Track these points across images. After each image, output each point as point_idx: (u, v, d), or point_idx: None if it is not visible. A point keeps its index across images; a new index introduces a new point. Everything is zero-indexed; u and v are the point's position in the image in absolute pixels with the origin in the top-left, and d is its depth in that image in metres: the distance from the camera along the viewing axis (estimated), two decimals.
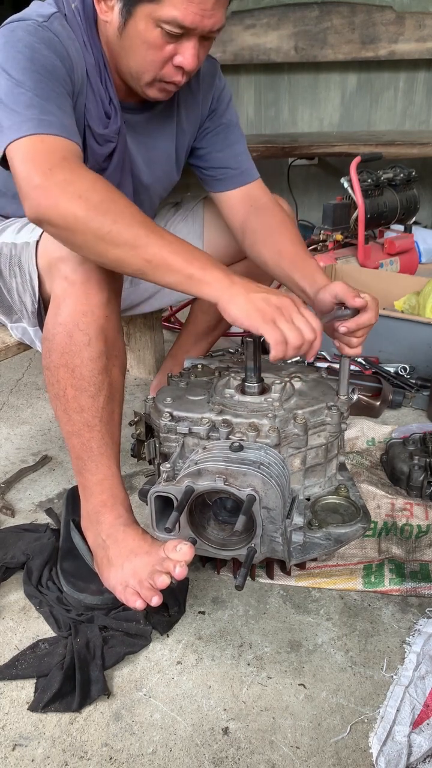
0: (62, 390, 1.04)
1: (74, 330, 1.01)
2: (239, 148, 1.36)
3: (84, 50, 1.09)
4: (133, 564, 0.99)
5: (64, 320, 1.02)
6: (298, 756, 0.87)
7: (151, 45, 1.05)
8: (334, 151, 2.93)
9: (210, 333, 1.66)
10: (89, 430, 1.04)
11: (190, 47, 1.05)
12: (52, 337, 1.04)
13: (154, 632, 1.06)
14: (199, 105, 1.31)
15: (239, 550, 0.97)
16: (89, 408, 1.03)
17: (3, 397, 1.88)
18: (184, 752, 0.88)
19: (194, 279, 0.94)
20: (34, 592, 1.12)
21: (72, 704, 0.93)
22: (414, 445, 1.42)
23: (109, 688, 0.96)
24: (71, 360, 1.02)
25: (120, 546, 1.02)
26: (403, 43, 3.22)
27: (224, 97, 1.34)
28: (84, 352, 1.01)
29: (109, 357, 1.04)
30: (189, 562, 0.94)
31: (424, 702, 0.92)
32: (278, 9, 3.25)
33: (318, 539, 1.05)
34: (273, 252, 1.25)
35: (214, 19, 1.03)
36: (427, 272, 2.45)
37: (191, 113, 1.31)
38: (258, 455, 0.96)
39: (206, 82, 1.30)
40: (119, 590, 1.00)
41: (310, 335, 0.95)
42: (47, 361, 1.06)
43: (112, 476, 1.06)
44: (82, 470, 1.07)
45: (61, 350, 1.02)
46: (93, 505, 1.06)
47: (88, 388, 1.03)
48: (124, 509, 1.07)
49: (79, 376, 1.02)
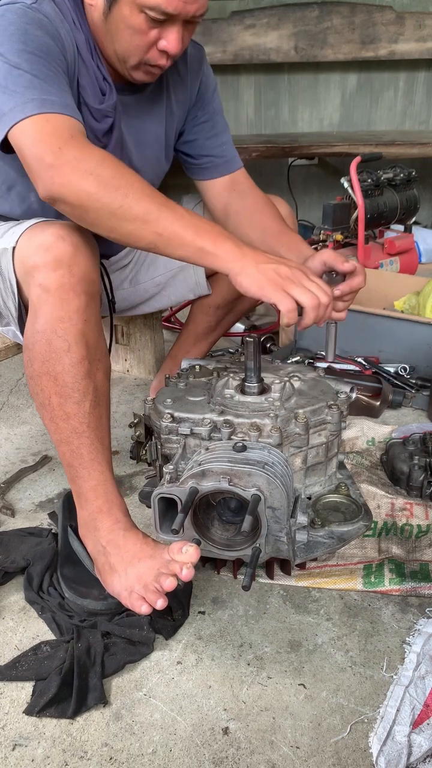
0: (47, 398, 1.03)
1: (53, 337, 1.00)
2: (225, 137, 1.40)
3: (74, 29, 1.09)
4: (137, 569, 0.99)
5: (42, 328, 1.00)
6: (298, 756, 0.87)
7: (136, 30, 1.07)
8: (334, 151, 2.93)
9: (210, 334, 1.65)
10: (78, 436, 1.03)
11: (174, 32, 1.07)
12: (32, 346, 1.02)
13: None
14: (188, 89, 1.33)
15: (244, 551, 0.97)
16: (75, 414, 1.02)
17: (3, 397, 1.88)
18: (184, 752, 0.88)
19: (205, 252, 0.97)
20: (35, 598, 1.11)
21: (67, 711, 0.92)
22: (414, 445, 1.42)
23: (107, 696, 0.96)
24: (53, 367, 1.00)
25: (122, 551, 1.01)
26: (403, 43, 3.22)
27: (210, 84, 1.37)
28: (65, 359, 1.00)
29: (92, 361, 1.03)
30: (195, 563, 0.94)
31: (424, 702, 0.92)
32: (278, 9, 3.25)
33: (321, 538, 1.05)
34: (257, 230, 1.29)
35: (197, 4, 1.05)
36: (427, 272, 2.45)
37: (180, 97, 1.33)
38: (261, 455, 0.96)
39: (194, 68, 1.32)
40: (124, 596, 1.00)
41: (324, 298, 0.98)
42: (30, 371, 1.04)
43: (106, 481, 1.05)
44: (74, 478, 1.05)
45: (41, 358, 1.01)
46: (89, 512, 1.05)
47: (72, 395, 1.01)
48: (122, 513, 1.06)
49: (62, 383, 1.01)
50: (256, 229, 1.28)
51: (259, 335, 1.24)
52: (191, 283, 1.54)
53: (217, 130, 1.39)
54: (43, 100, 0.98)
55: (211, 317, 1.61)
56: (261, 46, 3.31)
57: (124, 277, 1.53)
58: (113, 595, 1.02)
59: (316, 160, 3.46)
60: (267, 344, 2.10)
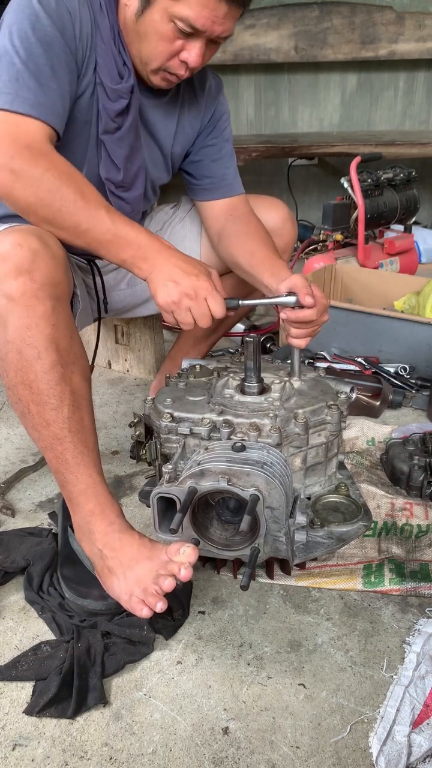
0: (26, 407, 1.02)
1: (22, 345, 0.99)
2: (229, 163, 1.44)
3: (99, 13, 1.13)
4: (135, 571, 0.98)
5: (11, 337, 1.00)
6: (298, 756, 0.87)
7: (163, 36, 1.11)
8: (334, 151, 2.93)
9: (209, 336, 1.65)
10: (60, 442, 1.02)
11: (197, 46, 1.12)
12: (4, 356, 1.01)
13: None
14: (201, 112, 1.37)
15: (243, 550, 0.97)
16: (55, 420, 1.01)
17: (3, 397, 1.89)
18: (184, 752, 0.88)
19: (126, 264, 1.07)
20: (35, 598, 1.11)
21: (67, 711, 0.92)
22: (414, 445, 1.42)
23: (107, 696, 0.96)
24: (26, 376, 1.00)
25: (119, 554, 1.01)
26: (403, 43, 3.22)
27: (224, 113, 1.42)
28: (36, 366, 0.99)
29: (65, 365, 1.02)
30: (193, 563, 0.94)
31: (424, 702, 0.92)
32: (278, 9, 3.25)
33: (320, 538, 1.05)
34: (246, 253, 1.31)
35: (224, 27, 1.10)
36: (427, 272, 2.45)
37: (193, 118, 1.36)
38: (260, 455, 0.96)
39: (211, 94, 1.38)
40: (124, 600, 0.99)
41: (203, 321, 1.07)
42: (6, 381, 1.04)
43: (95, 484, 1.04)
44: (63, 483, 1.05)
45: (14, 368, 1.01)
46: (82, 516, 1.05)
47: (48, 401, 1.01)
48: (115, 515, 1.05)
49: (37, 391, 1.00)
50: (245, 253, 1.31)
51: (259, 335, 1.24)
52: None
53: (223, 154, 1.43)
54: (17, 97, 1.02)
55: None
56: (261, 46, 3.31)
57: (120, 278, 1.53)
58: (113, 597, 1.02)
59: (316, 160, 3.47)
60: (267, 344, 2.10)
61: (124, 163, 1.24)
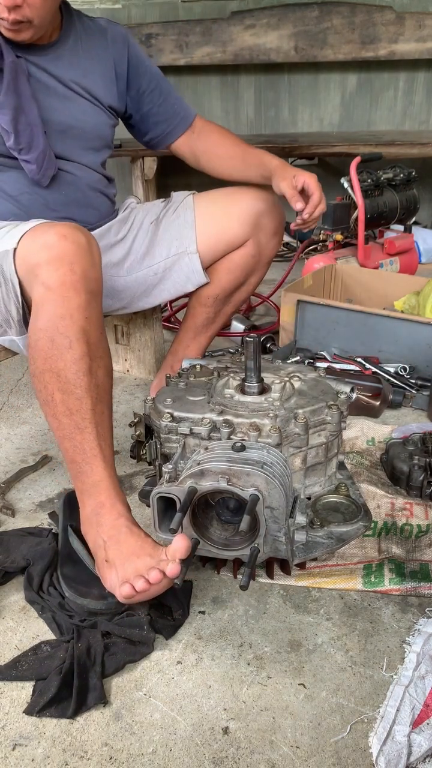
0: (50, 395, 1.04)
1: (55, 334, 1.02)
2: (173, 97, 1.56)
3: None
4: (134, 564, 0.99)
5: (44, 325, 1.03)
6: (298, 756, 0.87)
7: None
8: (334, 151, 2.93)
9: (209, 326, 1.66)
10: (80, 432, 1.04)
11: None
12: (35, 344, 1.05)
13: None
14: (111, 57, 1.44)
15: (242, 550, 0.97)
16: (78, 410, 1.03)
17: (3, 397, 1.89)
18: (184, 752, 0.88)
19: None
20: (35, 598, 1.11)
21: (68, 710, 0.92)
22: (414, 445, 1.42)
23: (107, 696, 0.96)
24: (55, 364, 1.02)
25: (122, 547, 1.01)
26: (403, 43, 3.22)
27: (141, 54, 1.51)
28: (66, 355, 1.02)
29: (93, 358, 1.05)
30: (183, 557, 0.94)
31: (424, 702, 0.92)
32: (278, 9, 3.25)
33: (320, 538, 1.05)
34: (225, 159, 1.56)
35: None
36: (427, 272, 2.45)
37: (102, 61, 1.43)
38: (260, 455, 0.96)
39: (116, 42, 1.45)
40: (117, 589, 1.00)
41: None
42: (33, 368, 1.06)
43: (109, 477, 1.06)
44: (77, 473, 1.06)
45: (44, 355, 1.03)
46: (92, 508, 1.06)
47: (74, 391, 1.03)
48: (125, 509, 1.07)
49: (65, 380, 1.03)
50: (224, 159, 1.55)
51: (259, 335, 1.24)
52: (187, 271, 1.56)
53: (165, 92, 1.54)
54: None
55: (210, 308, 1.62)
56: (261, 46, 3.31)
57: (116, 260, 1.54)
58: (108, 589, 1.02)
59: (316, 160, 3.46)
60: (267, 344, 2.10)
61: (13, 125, 1.26)
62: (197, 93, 3.55)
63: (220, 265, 1.57)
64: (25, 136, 1.28)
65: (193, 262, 1.54)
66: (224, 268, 1.57)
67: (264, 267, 1.62)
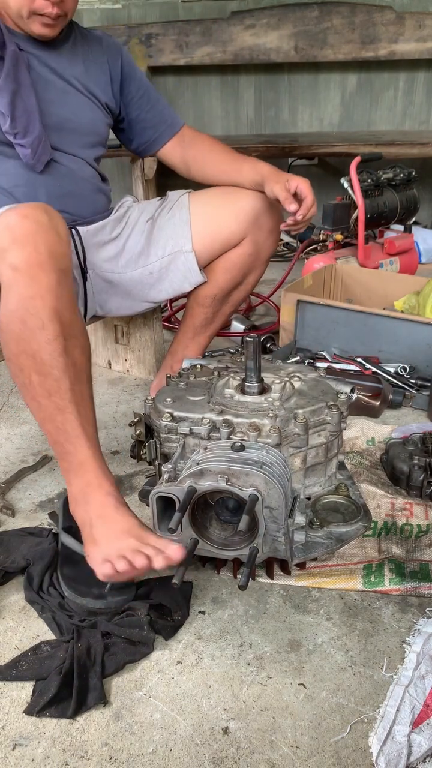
0: (27, 378, 1.03)
1: (26, 315, 1.00)
2: (161, 105, 1.60)
3: None
4: (118, 544, 0.98)
5: (14, 307, 1.01)
6: (298, 756, 0.87)
7: None
8: (334, 151, 2.93)
9: (208, 326, 1.65)
10: (61, 413, 1.03)
11: None
12: (6, 327, 1.03)
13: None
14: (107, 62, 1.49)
15: (241, 550, 0.97)
16: (57, 391, 1.02)
17: (3, 397, 1.88)
18: (184, 752, 0.88)
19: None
20: (35, 598, 1.11)
21: (68, 711, 0.92)
22: (414, 445, 1.42)
23: (107, 696, 0.96)
24: (29, 346, 1.01)
25: (108, 525, 1.01)
26: (403, 43, 3.22)
27: (133, 64, 1.56)
28: (40, 336, 1.01)
29: (68, 338, 1.03)
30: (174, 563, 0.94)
31: (424, 702, 0.92)
32: (278, 9, 3.25)
33: (319, 538, 1.05)
34: (215, 164, 1.57)
35: None
36: (427, 272, 2.45)
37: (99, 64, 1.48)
38: (260, 455, 0.96)
39: (111, 50, 1.51)
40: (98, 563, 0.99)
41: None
42: (7, 352, 1.05)
43: (93, 456, 1.05)
44: (62, 454, 1.06)
45: (17, 338, 1.02)
46: (79, 487, 1.05)
47: (51, 372, 1.02)
48: (113, 488, 1.06)
49: (40, 361, 1.01)
50: (215, 164, 1.57)
51: (259, 335, 1.24)
52: (184, 270, 1.55)
53: (153, 100, 1.58)
54: None
55: (208, 309, 1.62)
56: (261, 46, 3.31)
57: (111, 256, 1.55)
58: (91, 565, 1.01)
59: (316, 160, 3.47)
60: (267, 344, 2.10)
61: (10, 109, 1.28)
62: (197, 93, 3.55)
63: (218, 264, 1.57)
64: (22, 121, 1.30)
65: (189, 261, 1.54)
66: (221, 268, 1.57)
67: (262, 266, 1.62)
